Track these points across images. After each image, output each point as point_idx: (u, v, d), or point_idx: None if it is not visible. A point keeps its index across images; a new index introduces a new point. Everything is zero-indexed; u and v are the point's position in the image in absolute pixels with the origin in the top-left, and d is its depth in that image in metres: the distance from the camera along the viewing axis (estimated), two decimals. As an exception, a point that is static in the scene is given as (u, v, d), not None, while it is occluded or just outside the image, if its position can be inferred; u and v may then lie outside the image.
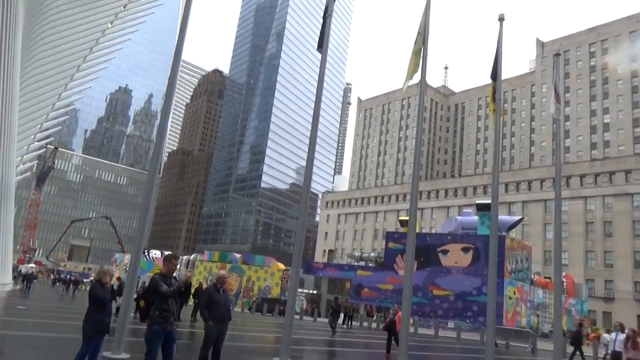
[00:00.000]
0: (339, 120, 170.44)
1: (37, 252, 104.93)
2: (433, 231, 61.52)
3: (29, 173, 60.94)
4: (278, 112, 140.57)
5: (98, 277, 6.69)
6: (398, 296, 35.29)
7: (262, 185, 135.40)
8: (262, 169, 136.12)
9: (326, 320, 29.04)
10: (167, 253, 7.39)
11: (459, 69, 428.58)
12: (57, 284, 56.59)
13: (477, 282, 33.93)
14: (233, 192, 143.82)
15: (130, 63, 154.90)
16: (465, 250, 35.78)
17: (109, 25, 51.20)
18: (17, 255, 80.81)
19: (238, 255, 51.66)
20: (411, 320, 26.17)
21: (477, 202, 43.38)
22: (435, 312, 35.23)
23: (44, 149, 63.10)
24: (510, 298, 33.50)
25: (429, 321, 33.94)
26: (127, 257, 58.06)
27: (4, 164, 30.83)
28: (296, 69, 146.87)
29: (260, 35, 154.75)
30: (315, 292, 43.79)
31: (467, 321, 33.29)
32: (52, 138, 64.85)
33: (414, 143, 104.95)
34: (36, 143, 51.98)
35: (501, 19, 11.29)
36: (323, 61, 10.06)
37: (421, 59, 10.28)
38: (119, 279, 21.80)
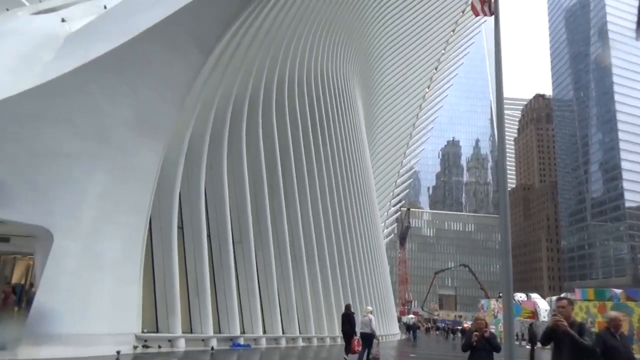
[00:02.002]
0: None
1: (412, 303, 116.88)
2: None
3: (392, 235, 70.12)
4: (624, 116, 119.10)
5: (473, 325, 6.95)
6: None
7: (627, 204, 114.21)
8: (621, 187, 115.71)
9: None
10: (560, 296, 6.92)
11: None
12: (437, 332, 61.09)
13: None
14: (591, 219, 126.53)
15: (451, 116, 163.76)
16: None
17: (427, 90, 55.97)
18: (398, 307, 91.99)
19: (619, 291, 44.10)
20: None
21: None
22: None
23: (399, 212, 71.93)
24: None
25: None
26: (492, 303, 57.86)
27: (374, 231, 36.57)
28: (635, 61, 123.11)
29: (578, 42, 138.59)
30: None
31: None
32: (403, 201, 73.34)
33: None
34: (392, 208, 59.85)
35: None
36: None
37: None
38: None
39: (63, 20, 12.85)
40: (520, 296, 54.36)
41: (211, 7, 12.45)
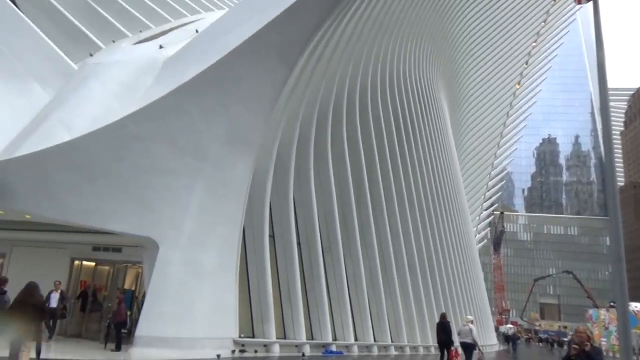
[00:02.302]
0: None
1: (510, 312, 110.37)
2: None
3: (485, 240, 66.93)
4: None
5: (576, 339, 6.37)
6: None
7: None
8: None
9: None
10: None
11: None
12: (539, 343, 57.08)
13: None
14: None
15: (546, 112, 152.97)
16: None
17: (518, 86, 53.01)
18: (494, 317, 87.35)
19: None
20: None
21: None
22: None
23: (492, 216, 68.55)
24: None
25: None
26: (602, 313, 52.98)
27: (465, 236, 35.18)
28: None
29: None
30: None
31: None
32: (496, 204, 69.73)
33: None
34: (484, 212, 57.21)
35: None
36: None
37: None
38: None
39: (160, 47, 13.92)
40: (635, 306, 49.22)
41: (293, 22, 12.79)
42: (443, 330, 14.15)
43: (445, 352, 14.13)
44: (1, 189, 10.18)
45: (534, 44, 50.84)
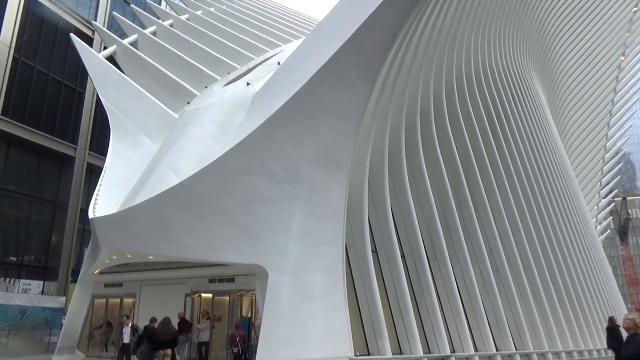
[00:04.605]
0: None
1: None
2: None
3: (608, 231, 60.85)
4: None
5: None
6: None
7: None
8: None
9: None
10: None
11: None
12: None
13: None
14: None
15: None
16: None
17: (622, 58, 48.21)
18: (632, 314, 78.17)
19: None
20: None
21: None
22: None
23: (612, 203, 62.21)
24: None
25: None
26: None
27: (584, 228, 32.29)
28: None
29: None
30: None
31: None
32: (616, 190, 63.23)
33: None
34: (602, 201, 52.15)
35: None
36: None
37: None
38: None
39: (248, 84, 14.76)
40: None
41: (368, 38, 12.89)
42: (613, 335, 13.41)
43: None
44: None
45: (635, 9, 45.98)
